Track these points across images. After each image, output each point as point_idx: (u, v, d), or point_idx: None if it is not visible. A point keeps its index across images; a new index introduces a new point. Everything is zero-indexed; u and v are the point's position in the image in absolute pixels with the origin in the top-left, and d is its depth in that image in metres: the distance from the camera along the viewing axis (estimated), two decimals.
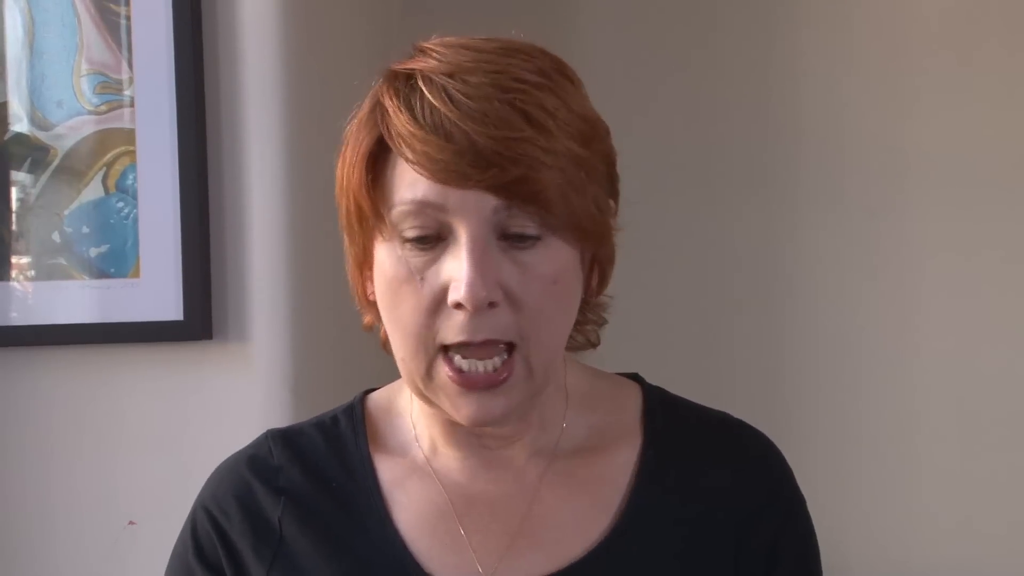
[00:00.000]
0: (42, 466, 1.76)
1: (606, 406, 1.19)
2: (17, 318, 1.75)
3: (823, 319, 2.25)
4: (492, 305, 1.05)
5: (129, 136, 1.74)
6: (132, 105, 1.74)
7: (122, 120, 1.74)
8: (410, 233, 1.06)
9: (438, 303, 1.06)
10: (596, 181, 1.10)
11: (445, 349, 1.06)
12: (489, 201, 1.04)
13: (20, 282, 1.76)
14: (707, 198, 2.28)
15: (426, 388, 1.08)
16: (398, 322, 1.08)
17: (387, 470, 1.16)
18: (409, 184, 1.06)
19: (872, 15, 2.25)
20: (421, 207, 1.05)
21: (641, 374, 1.23)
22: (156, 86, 1.73)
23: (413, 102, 1.06)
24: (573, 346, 1.19)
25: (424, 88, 1.06)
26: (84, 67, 1.74)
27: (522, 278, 1.06)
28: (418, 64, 1.09)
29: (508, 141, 1.04)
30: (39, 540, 1.76)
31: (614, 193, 1.14)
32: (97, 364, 1.75)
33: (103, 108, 1.74)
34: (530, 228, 1.06)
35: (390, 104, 1.08)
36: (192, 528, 1.19)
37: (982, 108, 2.20)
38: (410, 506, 1.15)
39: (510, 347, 1.06)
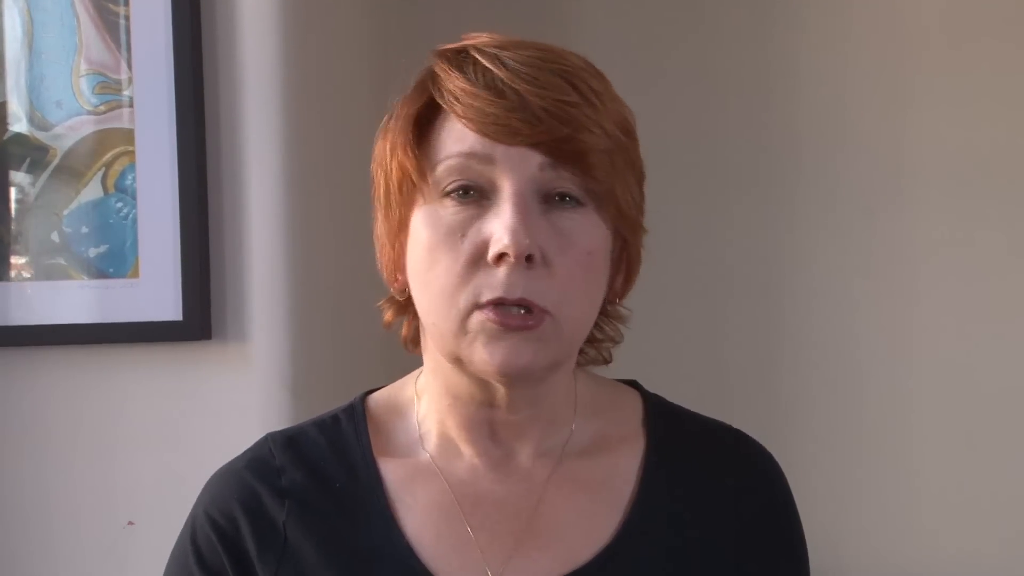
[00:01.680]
0: (41, 466, 1.76)
1: (609, 412, 1.20)
2: (16, 318, 1.75)
3: (820, 318, 2.25)
4: (530, 261, 1.06)
5: (128, 136, 1.74)
6: (131, 105, 1.74)
7: (121, 120, 1.74)
8: (453, 187, 1.08)
9: (477, 260, 1.07)
10: (633, 173, 1.13)
11: (479, 308, 1.07)
12: (535, 158, 1.06)
13: (19, 282, 1.75)
14: (705, 196, 2.28)
15: (459, 344, 1.08)
16: (432, 283, 1.09)
17: (392, 471, 1.16)
18: (457, 139, 1.08)
19: (870, 12, 2.25)
20: (468, 159, 1.07)
21: (637, 373, 1.24)
22: (155, 86, 1.73)
23: (466, 67, 1.09)
24: (586, 360, 1.21)
25: (477, 56, 1.09)
26: (83, 67, 1.74)
27: (559, 244, 1.07)
28: (468, 42, 1.11)
29: (558, 103, 1.06)
30: (38, 540, 1.76)
31: (643, 199, 1.16)
32: (96, 364, 1.75)
33: (102, 108, 1.74)
34: (573, 189, 1.08)
35: (441, 70, 1.10)
36: (192, 534, 1.17)
37: (980, 107, 2.20)
38: (416, 506, 1.14)
39: (542, 313, 1.07)
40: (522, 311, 1.06)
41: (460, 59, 1.09)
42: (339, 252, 1.87)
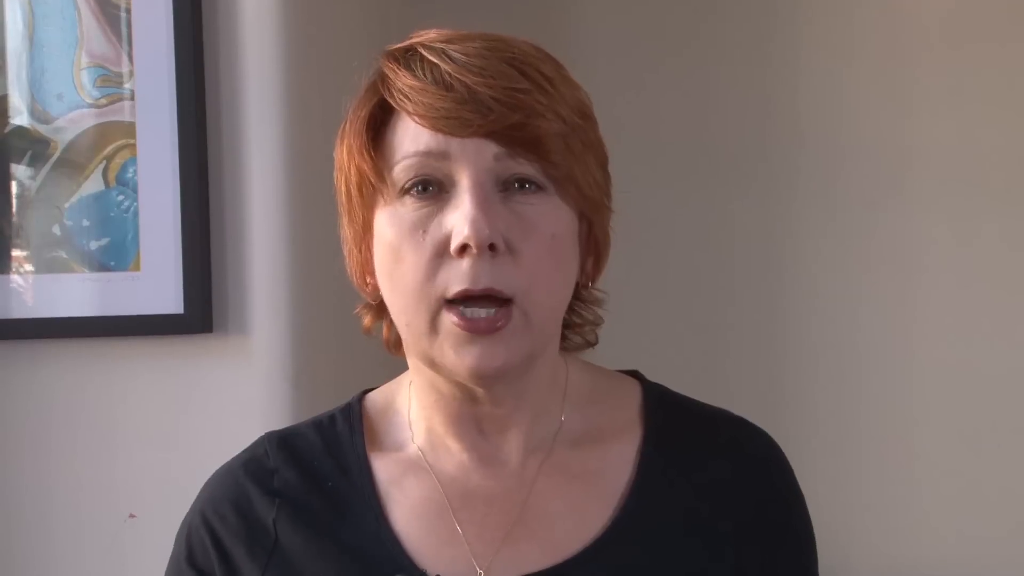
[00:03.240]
0: (42, 459, 1.76)
1: (606, 402, 1.20)
2: (17, 311, 1.75)
3: (821, 315, 2.25)
4: (493, 249, 1.06)
5: (129, 129, 1.74)
6: (132, 98, 1.74)
7: (122, 113, 1.74)
8: (411, 184, 1.08)
9: (440, 254, 1.07)
10: (593, 155, 1.12)
11: (448, 304, 1.07)
12: (490, 148, 1.07)
13: (20, 275, 1.76)
14: (705, 194, 2.28)
15: (431, 345, 1.08)
16: (399, 281, 1.09)
17: (383, 468, 1.17)
18: (411, 139, 1.08)
19: (871, 10, 2.25)
20: (424, 158, 1.07)
21: (638, 370, 1.23)
22: (156, 79, 1.73)
23: (413, 65, 1.09)
24: (571, 346, 1.20)
25: (423, 52, 1.09)
26: (84, 60, 1.74)
27: (522, 230, 1.07)
28: (415, 40, 1.12)
29: (508, 90, 1.07)
30: (39, 533, 1.76)
31: (607, 181, 1.15)
32: (97, 357, 1.75)
33: (103, 101, 1.74)
34: (530, 174, 1.08)
35: (389, 70, 1.10)
36: (187, 533, 1.19)
37: (980, 105, 2.20)
38: (405, 503, 1.15)
39: (508, 304, 1.07)
40: (490, 312, 1.06)
41: (407, 57, 1.10)
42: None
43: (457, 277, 1.06)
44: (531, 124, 1.07)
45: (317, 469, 1.17)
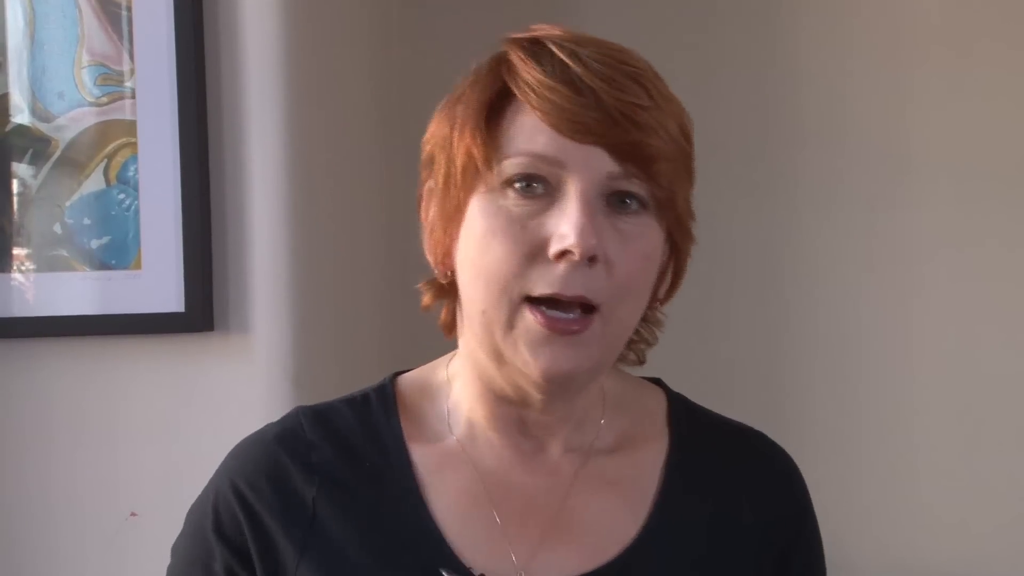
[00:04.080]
0: (43, 458, 1.76)
1: (635, 409, 1.20)
2: (18, 310, 1.75)
3: (822, 314, 2.25)
4: (592, 261, 1.05)
5: (130, 128, 1.74)
6: (133, 97, 1.74)
7: (123, 112, 1.74)
8: (518, 178, 1.06)
9: (535, 253, 1.05)
10: (690, 180, 1.15)
11: (530, 302, 1.06)
12: (606, 163, 1.06)
13: (21, 274, 1.76)
14: (706, 193, 2.26)
15: (504, 338, 1.07)
16: (484, 270, 1.07)
17: (421, 455, 1.15)
18: (528, 136, 1.06)
19: (872, 9, 2.24)
20: (538, 160, 1.06)
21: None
22: (157, 78, 1.73)
23: (543, 59, 1.08)
24: (621, 360, 1.19)
25: (554, 48, 1.08)
26: (85, 59, 1.74)
27: (620, 245, 1.07)
28: (540, 33, 1.11)
29: (633, 106, 1.06)
30: (40, 532, 1.76)
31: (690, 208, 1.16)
32: (98, 356, 1.75)
33: (104, 100, 1.74)
34: (637, 192, 1.07)
35: (517, 58, 1.09)
36: (214, 501, 1.15)
37: (982, 103, 2.20)
38: (446, 492, 1.13)
39: (592, 312, 1.06)
40: (571, 315, 1.05)
41: (536, 50, 1.09)
42: (341, 243, 1.87)
43: (548, 279, 1.05)
44: (648, 143, 1.06)
45: (355, 448, 1.15)
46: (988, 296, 2.21)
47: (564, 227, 1.04)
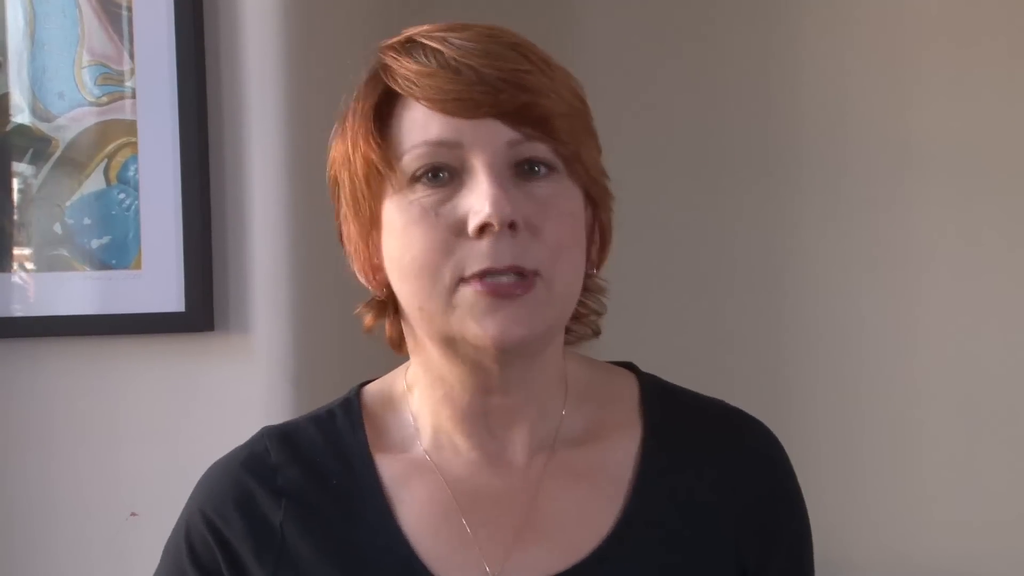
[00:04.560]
0: (43, 457, 1.76)
1: (604, 396, 1.19)
2: (18, 309, 1.75)
3: (825, 311, 2.25)
4: (514, 228, 1.04)
5: (130, 127, 1.74)
6: (133, 96, 1.74)
7: (123, 111, 1.74)
8: (422, 171, 1.06)
9: (456, 235, 1.05)
10: (593, 140, 1.12)
11: (465, 280, 1.05)
12: (503, 132, 1.06)
13: (21, 273, 1.76)
14: (708, 190, 2.27)
15: (448, 321, 1.06)
16: (411, 265, 1.07)
17: (388, 467, 1.15)
18: (421, 127, 1.07)
19: (874, 7, 2.24)
20: (435, 148, 1.06)
21: (641, 366, 1.23)
22: (157, 77, 1.73)
23: (416, 53, 1.08)
24: (577, 337, 1.19)
25: (423, 41, 1.09)
26: (85, 58, 1.74)
27: (540, 210, 1.07)
28: (409, 33, 1.11)
29: (513, 71, 1.06)
30: (41, 531, 1.76)
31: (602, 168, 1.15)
32: (98, 356, 1.75)
33: (104, 99, 1.74)
34: (543, 155, 1.07)
35: (391, 59, 1.09)
36: (186, 532, 1.16)
37: (984, 99, 2.20)
38: (413, 504, 1.13)
39: (532, 276, 1.06)
40: (511, 278, 1.05)
41: (408, 47, 1.09)
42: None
43: (477, 256, 1.05)
44: (540, 104, 1.06)
45: (321, 466, 1.15)
46: (990, 294, 2.21)
47: (477, 202, 1.04)
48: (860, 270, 2.24)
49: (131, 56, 1.73)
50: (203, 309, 1.73)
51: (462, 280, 1.05)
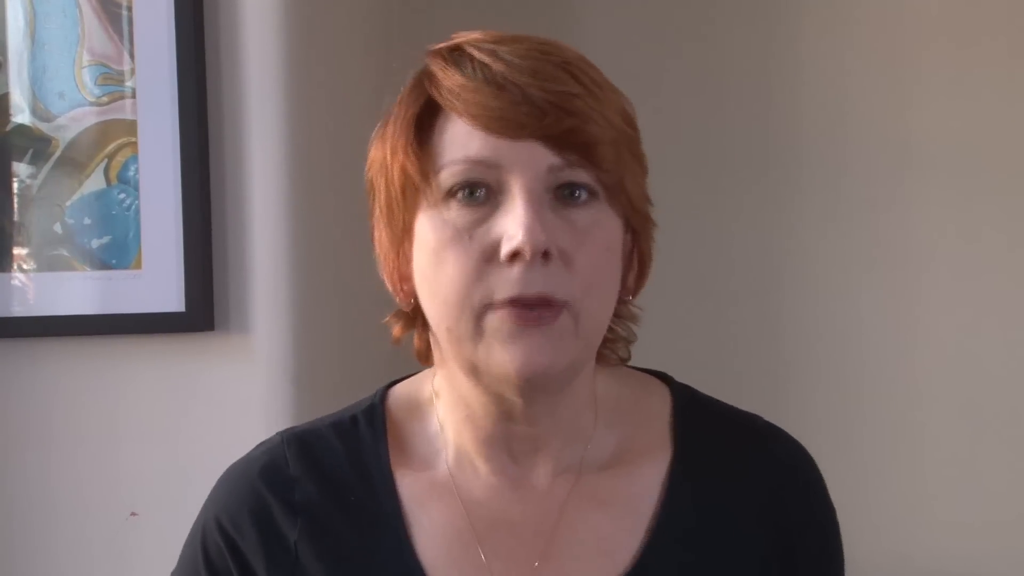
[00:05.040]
0: (43, 457, 1.76)
1: (634, 416, 1.15)
2: (18, 309, 1.75)
3: (824, 312, 2.25)
4: (547, 257, 1.02)
5: (131, 127, 1.74)
6: (134, 96, 1.74)
7: (124, 111, 1.74)
8: (458, 188, 1.04)
9: (487, 260, 1.03)
10: (639, 165, 1.10)
11: (493, 307, 1.03)
12: (544, 157, 1.03)
13: (21, 273, 1.75)
14: (708, 191, 2.27)
15: (475, 349, 1.04)
16: (440, 286, 1.04)
17: (408, 485, 1.12)
18: (461, 144, 1.04)
19: (874, 7, 2.24)
20: (473, 166, 1.03)
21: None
22: (158, 77, 1.73)
23: (463, 64, 1.05)
24: (604, 362, 1.16)
25: (473, 52, 1.05)
26: (85, 58, 1.74)
27: (575, 239, 1.04)
28: (460, 39, 1.08)
29: (561, 94, 1.03)
30: (41, 531, 1.76)
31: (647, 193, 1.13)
32: (98, 355, 1.75)
33: (105, 99, 1.74)
34: (583, 181, 1.04)
35: (438, 68, 1.06)
36: (202, 538, 1.15)
37: (984, 99, 2.20)
38: (430, 528, 1.11)
39: (560, 308, 1.03)
40: (539, 308, 1.02)
41: (456, 56, 1.06)
42: (342, 243, 1.87)
43: (506, 283, 1.02)
44: (585, 130, 1.03)
45: (340, 480, 1.13)
46: (990, 294, 2.21)
47: (511, 227, 1.01)
48: (860, 270, 2.24)
49: (131, 56, 1.73)
50: (203, 309, 1.72)
51: (490, 306, 1.03)
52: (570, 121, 1.03)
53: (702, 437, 1.14)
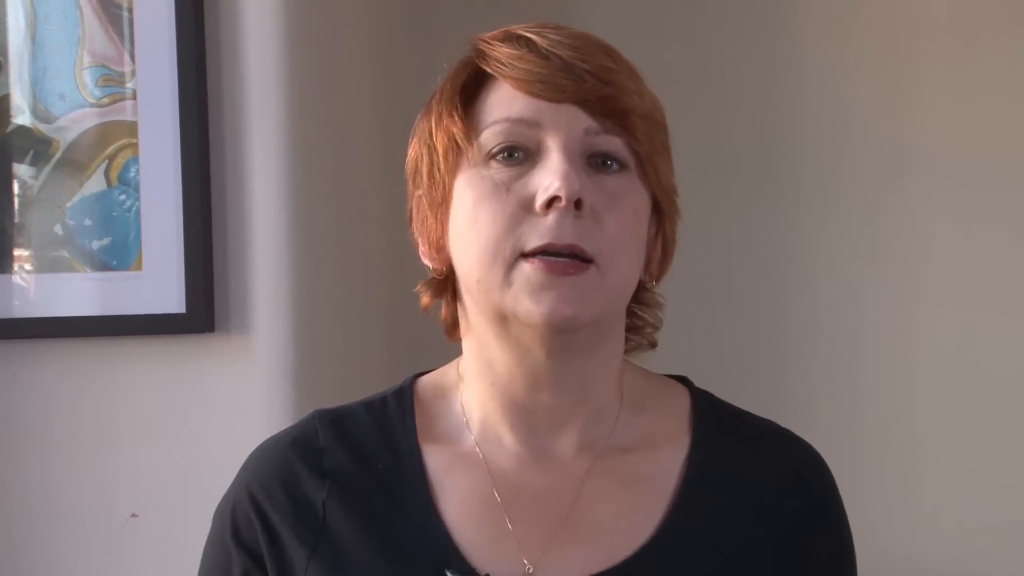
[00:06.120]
0: (44, 459, 1.76)
1: (656, 408, 1.19)
2: (19, 310, 1.75)
3: (824, 312, 2.25)
4: (579, 208, 1.07)
5: (131, 129, 1.74)
6: (134, 98, 1.74)
7: (124, 113, 1.74)
8: (499, 148, 1.09)
9: (524, 211, 1.08)
10: (667, 155, 1.15)
11: (525, 256, 1.07)
12: (582, 120, 1.09)
13: (22, 274, 1.76)
14: (709, 191, 2.27)
15: (503, 296, 1.08)
16: (476, 237, 1.09)
17: (434, 457, 1.16)
18: (505, 105, 1.10)
19: (875, 6, 2.24)
20: (514, 124, 1.09)
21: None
22: (158, 79, 1.73)
23: (510, 40, 1.12)
24: (632, 347, 1.20)
25: (520, 32, 1.12)
26: (86, 60, 1.74)
27: (607, 200, 1.09)
28: (508, 28, 1.14)
29: (600, 67, 1.10)
30: (41, 533, 1.76)
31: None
32: (99, 357, 1.75)
33: (105, 101, 1.74)
34: (617, 150, 1.10)
35: (485, 44, 1.12)
36: (232, 508, 1.18)
37: (985, 100, 2.20)
38: (456, 495, 1.14)
39: (588, 263, 1.07)
40: (568, 259, 1.07)
41: (503, 37, 1.12)
42: (342, 244, 1.87)
43: (540, 231, 1.07)
44: (620, 98, 1.09)
45: (368, 451, 1.16)
46: (992, 292, 2.20)
47: (548, 177, 1.07)
48: (860, 270, 2.24)
49: (132, 57, 1.74)
50: (204, 310, 1.73)
51: (522, 255, 1.07)
52: (607, 90, 1.09)
53: (719, 431, 1.18)
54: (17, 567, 1.76)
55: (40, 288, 1.75)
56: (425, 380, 1.22)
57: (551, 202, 1.06)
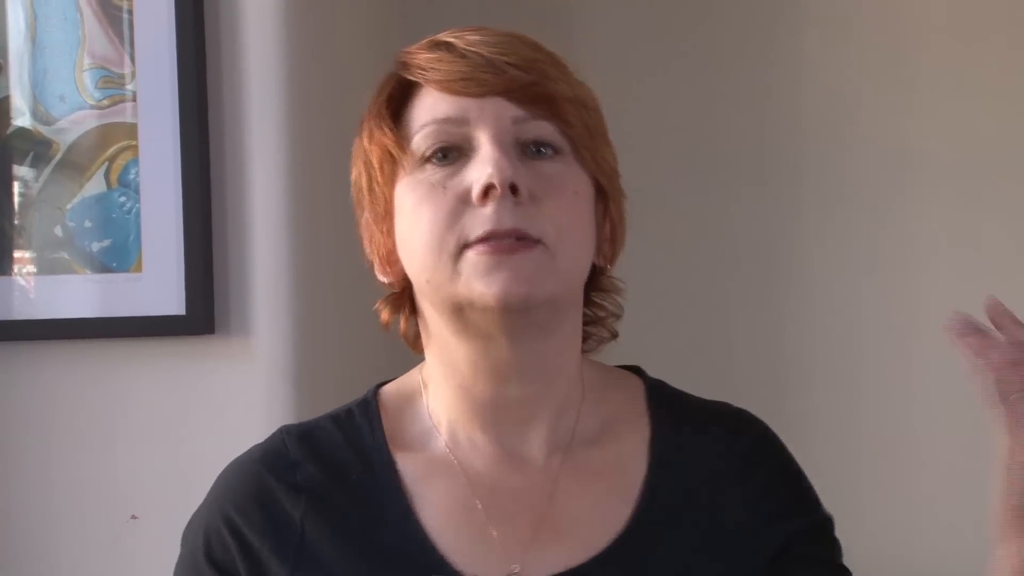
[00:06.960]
0: (44, 460, 1.76)
1: (616, 398, 1.20)
2: (19, 312, 1.75)
3: (826, 313, 2.25)
4: (516, 193, 1.07)
5: (131, 131, 1.74)
6: (134, 99, 1.74)
7: (124, 115, 1.74)
8: (431, 151, 1.10)
9: (462, 204, 1.08)
10: (604, 140, 1.15)
11: (469, 246, 1.08)
12: (508, 109, 1.09)
13: (22, 276, 1.76)
14: (710, 192, 2.27)
15: (454, 287, 1.08)
16: (419, 240, 1.09)
17: (407, 464, 1.16)
18: (431, 109, 1.11)
19: (875, 6, 2.24)
20: (443, 125, 1.10)
21: (642, 367, 1.24)
22: (158, 80, 1.73)
23: (431, 47, 1.13)
24: (597, 341, 1.21)
25: (440, 38, 1.13)
26: (86, 61, 1.74)
27: (544, 186, 1.09)
28: (430, 37, 1.14)
29: (522, 57, 1.10)
30: (41, 534, 1.76)
31: (616, 165, 1.17)
32: (99, 358, 1.75)
33: (105, 102, 1.74)
34: (548, 135, 1.10)
35: (406, 55, 1.14)
36: (204, 528, 1.16)
37: (986, 101, 2.20)
38: (434, 500, 1.14)
39: (535, 244, 1.08)
40: (514, 241, 1.07)
41: (424, 44, 1.13)
42: (342, 245, 1.87)
43: (480, 221, 1.07)
44: (546, 85, 1.10)
45: (340, 463, 1.16)
46: (992, 292, 2.20)
47: (479, 168, 1.08)
48: (861, 271, 2.24)
49: (132, 59, 1.74)
50: (204, 312, 1.73)
51: (466, 246, 1.07)
52: (530, 77, 1.10)
53: (677, 416, 1.20)
54: (17, 569, 1.76)
55: (40, 290, 1.75)
56: (388, 389, 1.21)
57: (487, 191, 1.07)
